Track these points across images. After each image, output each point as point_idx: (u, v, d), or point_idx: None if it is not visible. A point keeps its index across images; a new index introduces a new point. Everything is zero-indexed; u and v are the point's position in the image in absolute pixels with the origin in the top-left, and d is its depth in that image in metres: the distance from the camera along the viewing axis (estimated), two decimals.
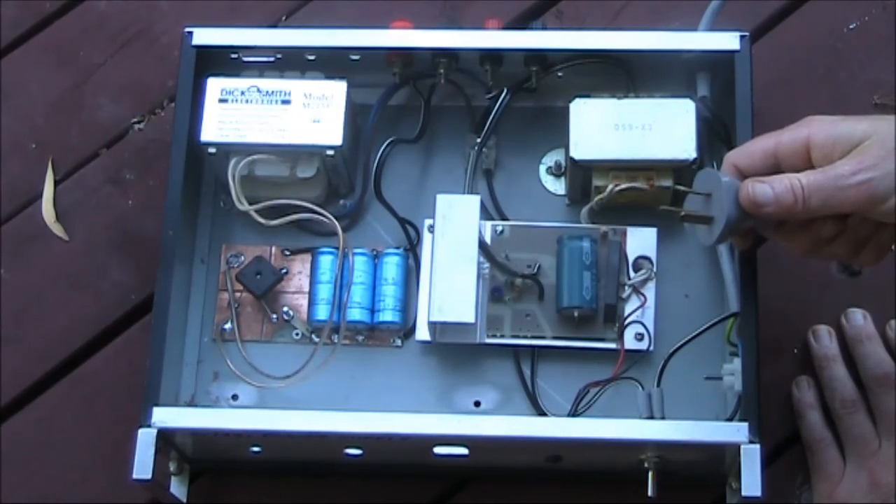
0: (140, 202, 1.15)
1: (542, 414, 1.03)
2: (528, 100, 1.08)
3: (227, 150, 1.04)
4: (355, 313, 1.04)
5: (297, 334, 1.06)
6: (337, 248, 1.05)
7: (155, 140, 1.16)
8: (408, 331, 1.06)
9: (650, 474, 0.96)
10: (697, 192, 0.94)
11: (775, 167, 0.91)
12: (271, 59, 1.06)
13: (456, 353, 1.05)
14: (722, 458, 0.97)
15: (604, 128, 1.02)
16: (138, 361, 1.03)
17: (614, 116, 1.03)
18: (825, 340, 1.07)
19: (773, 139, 0.92)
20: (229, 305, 1.06)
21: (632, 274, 1.04)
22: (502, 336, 1.04)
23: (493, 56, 1.06)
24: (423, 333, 1.03)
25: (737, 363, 0.97)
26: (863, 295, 1.08)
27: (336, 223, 1.03)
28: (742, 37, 1.03)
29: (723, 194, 0.91)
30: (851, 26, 1.16)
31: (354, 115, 1.07)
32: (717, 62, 1.04)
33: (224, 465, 1.05)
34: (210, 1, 1.21)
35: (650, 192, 1.03)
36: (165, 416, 0.96)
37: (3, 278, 1.13)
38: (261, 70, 1.06)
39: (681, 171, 1.02)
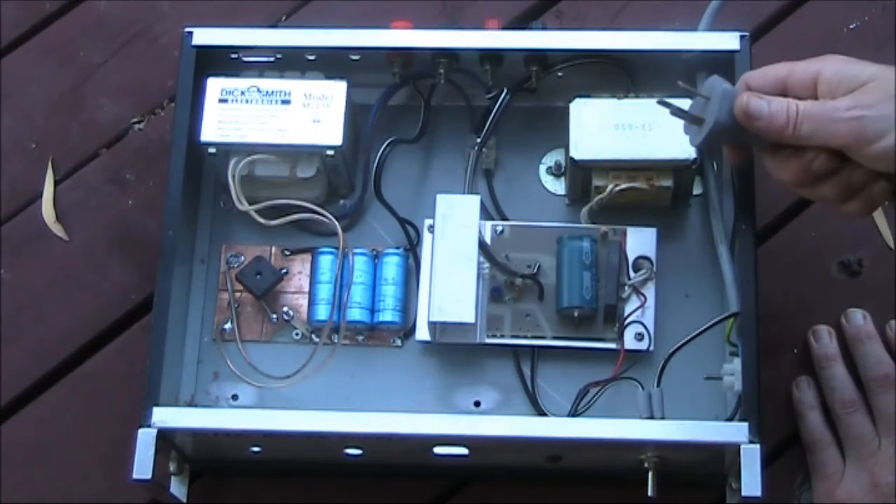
0: (140, 202, 1.15)
1: (542, 414, 1.03)
2: (528, 100, 1.08)
3: (227, 150, 1.04)
4: (355, 313, 1.04)
5: (297, 334, 1.06)
6: (337, 248, 1.05)
7: (155, 140, 1.16)
8: (408, 331, 1.06)
9: (650, 474, 0.96)
10: (699, 94, 0.95)
11: (783, 93, 0.92)
12: (271, 59, 1.06)
13: (456, 353, 1.05)
14: (722, 458, 0.97)
15: (604, 128, 1.02)
16: (138, 361, 1.03)
17: (614, 116, 1.03)
18: (825, 340, 1.07)
19: (787, 67, 0.93)
20: (229, 305, 1.06)
21: (632, 274, 1.04)
22: (502, 336, 1.04)
23: (493, 56, 1.06)
24: (423, 333, 1.03)
25: (737, 363, 0.97)
26: (863, 295, 1.08)
27: (336, 223, 1.03)
28: (742, 37, 1.03)
29: (719, 99, 0.92)
30: (851, 26, 1.16)
31: (354, 115, 1.07)
32: (717, 62, 1.04)
33: (224, 465, 1.05)
34: (210, 1, 1.21)
35: (650, 192, 1.03)
36: (165, 416, 0.96)
37: (3, 278, 1.13)
38: (261, 70, 1.06)
39: (680, 171, 1.03)
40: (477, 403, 1.04)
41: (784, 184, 0.94)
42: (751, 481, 0.92)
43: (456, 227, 1.01)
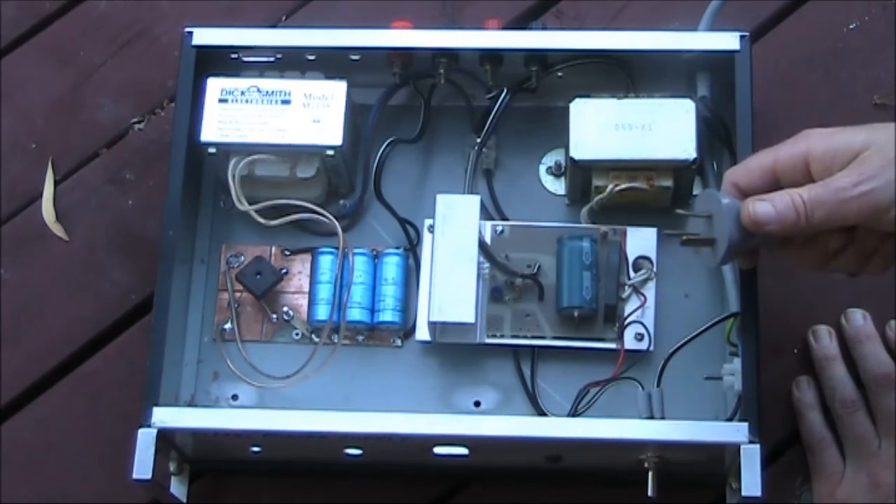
0: (140, 202, 1.15)
1: (542, 414, 1.03)
2: (528, 100, 1.08)
3: (227, 150, 1.04)
4: (355, 313, 1.04)
5: (297, 334, 1.06)
6: (337, 248, 1.05)
7: (155, 140, 1.16)
8: (408, 331, 1.06)
9: (650, 474, 0.96)
10: (699, 215, 0.94)
11: (775, 183, 0.90)
12: (271, 59, 1.06)
13: (456, 353, 1.05)
14: (722, 458, 0.97)
15: (604, 128, 1.02)
16: (138, 361, 1.03)
17: (614, 116, 1.03)
18: (825, 340, 1.07)
19: (771, 155, 0.91)
20: (229, 305, 1.06)
21: (632, 274, 1.04)
22: (502, 336, 1.04)
23: (493, 56, 1.06)
24: (423, 333, 1.03)
25: (737, 363, 0.97)
26: (863, 295, 1.08)
27: (336, 223, 1.03)
28: (742, 37, 1.03)
29: (724, 216, 0.90)
30: (851, 26, 1.16)
31: (354, 115, 1.07)
32: (717, 62, 1.04)
33: (224, 465, 1.05)
34: (210, 1, 1.21)
35: (650, 192, 1.03)
36: (165, 416, 0.96)
37: (3, 278, 1.13)
38: (261, 70, 1.06)
39: (681, 171, 1.02)
40: (477, 403, 1.04)
41: (805, 269, 0.93)
42: (751, 481, 0.92)
43: (456, 227, 1.01)
